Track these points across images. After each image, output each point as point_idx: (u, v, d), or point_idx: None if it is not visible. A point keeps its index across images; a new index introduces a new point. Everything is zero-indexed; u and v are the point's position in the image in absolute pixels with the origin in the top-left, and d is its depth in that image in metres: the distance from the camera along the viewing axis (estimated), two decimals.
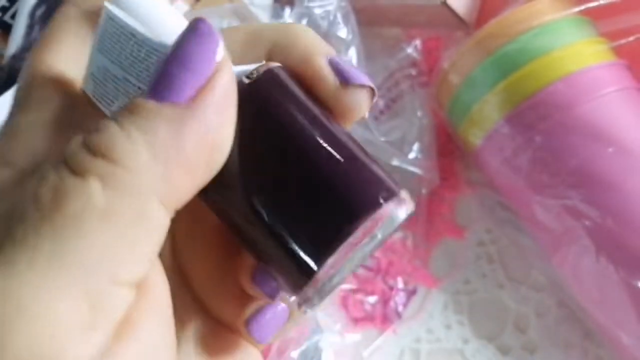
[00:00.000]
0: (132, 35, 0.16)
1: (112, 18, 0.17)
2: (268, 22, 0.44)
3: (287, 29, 0.18)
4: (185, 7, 0.48)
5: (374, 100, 0.18)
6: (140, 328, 0.14)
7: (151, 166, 0.14)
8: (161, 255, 0.16)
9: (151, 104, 0.15)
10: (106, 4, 0.17)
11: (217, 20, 0.44)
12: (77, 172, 0.14)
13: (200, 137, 0.15)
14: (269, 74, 0.17)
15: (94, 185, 0.14)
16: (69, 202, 0.13)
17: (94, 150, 0.14)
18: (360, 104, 0.18)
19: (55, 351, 0.12)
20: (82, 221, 0.13)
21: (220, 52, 0.15)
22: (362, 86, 0.17)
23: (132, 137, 0.14)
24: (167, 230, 0.15)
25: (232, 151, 0.15)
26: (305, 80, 0.18)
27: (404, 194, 0.17)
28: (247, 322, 0.19)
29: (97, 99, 0.17)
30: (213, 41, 0.15)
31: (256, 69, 0.17)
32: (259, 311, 0.19)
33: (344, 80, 0.17)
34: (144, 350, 0.14)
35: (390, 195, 0.16)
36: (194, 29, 0.16)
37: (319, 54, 0.18)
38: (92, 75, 0.17)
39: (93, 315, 0.13)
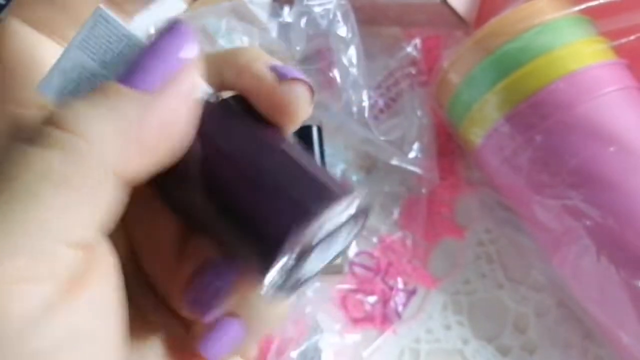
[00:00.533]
0: (125, 37, 0.18)
1: (107, 20, 0.18)
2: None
3: (232, 50, 0.20)
4: (184, 6, 0.48)
5: (314, 97, 0.19)
6: (87, 289, 0.15)
7: (113, 141, 0.15)
8: (122, 259, 0.17)
9: (122, 87, 0.16)
10: (101, 5, 0.18)
11: (216, 19, 0.44)
12: (38, 143, 0.15)
13: (160, 124, 0.16)
14: (231, 100, 0.19)
15: (54, 155, 0.15)
16: (27, 171, 0.14)
17: (59, 126, 0.15)
18: (298, 98, 0.19)
19: (3, 303, 0.13)
20: (38, 188, 0.14)
21: (192, 50, 0.17)
22: (297, 79, 0.19)
23: (100, 113, 0.16)
24: (121, 203, 0.16)
25: (195, 157, 0.17)
26: (247, 88, 0.19)
27: (351, 195, 0.18)
28: (196, 339, 0.19)
29: (61, 95, 0.18)
30: (187, 38, 0.17)
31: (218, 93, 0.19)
32: (209, 328, 0.19)
33: (281, 76, 0.19)
34: (89, 308, 0.15)
35: (338, 195, 0.18)
36: (171, 25, 0.17)
37: (258, 61, 0.19)
38: (62, 70, 0.18)
39: (41, 271, 0.14)
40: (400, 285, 0.44)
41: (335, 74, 0.44)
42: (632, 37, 0.40)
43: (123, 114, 0.16)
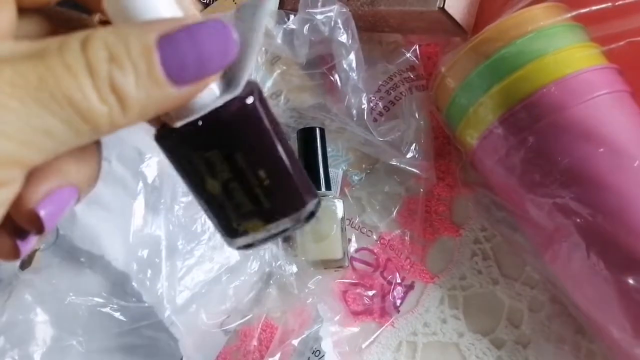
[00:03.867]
0: None
1: None
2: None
3: None
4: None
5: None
6: None
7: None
8: None
9: (160, 72, 0.17)
10: None
11: None
12: None
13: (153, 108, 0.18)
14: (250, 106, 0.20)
15: None
16: None
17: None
18: None
19: None
20: None
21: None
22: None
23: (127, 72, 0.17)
24: None
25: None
26: None
27: (310, 203, 0.22)
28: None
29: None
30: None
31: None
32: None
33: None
34: None
35: (301, 204, 0.22)
36: (218, 25, 0.18)
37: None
38: None
39: None
40: (399, 280, 0.45)
41: (337, 78, 0.45)
42: (621, 43, 0.41)
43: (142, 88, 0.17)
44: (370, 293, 0.45)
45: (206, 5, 0.51)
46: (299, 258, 0.43)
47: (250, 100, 0.19)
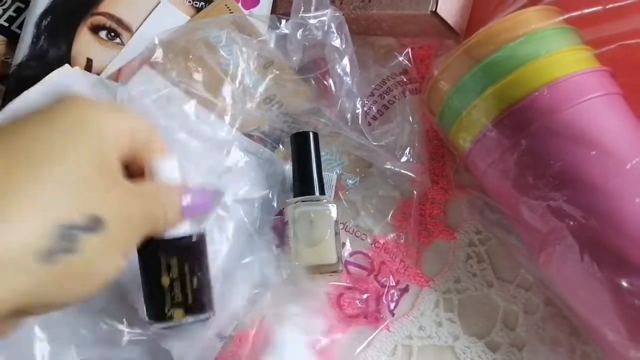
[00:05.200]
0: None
1: None
2: None
3: None
4: (186, 18, 0.50)
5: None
6: None
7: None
8: None
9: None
10: None
11: (217, 30, 0.46)
12: None
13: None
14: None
15: None
16: None
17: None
18: None
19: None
20: None
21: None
22: None
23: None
24: None
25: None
26: None
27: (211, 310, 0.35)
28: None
29: None
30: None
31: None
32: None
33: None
34: None
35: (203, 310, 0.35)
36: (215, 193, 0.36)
37: None
38: None
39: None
40: (393, 283, 0.45)
41: (330, 82, 0.45)
42: (613, 46, 0.41)
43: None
44: (365, 297, 0.45)
45: (198, 10, 0.50)
46: (293, 263, 0.43)
47: (204, 234, 0.35)
